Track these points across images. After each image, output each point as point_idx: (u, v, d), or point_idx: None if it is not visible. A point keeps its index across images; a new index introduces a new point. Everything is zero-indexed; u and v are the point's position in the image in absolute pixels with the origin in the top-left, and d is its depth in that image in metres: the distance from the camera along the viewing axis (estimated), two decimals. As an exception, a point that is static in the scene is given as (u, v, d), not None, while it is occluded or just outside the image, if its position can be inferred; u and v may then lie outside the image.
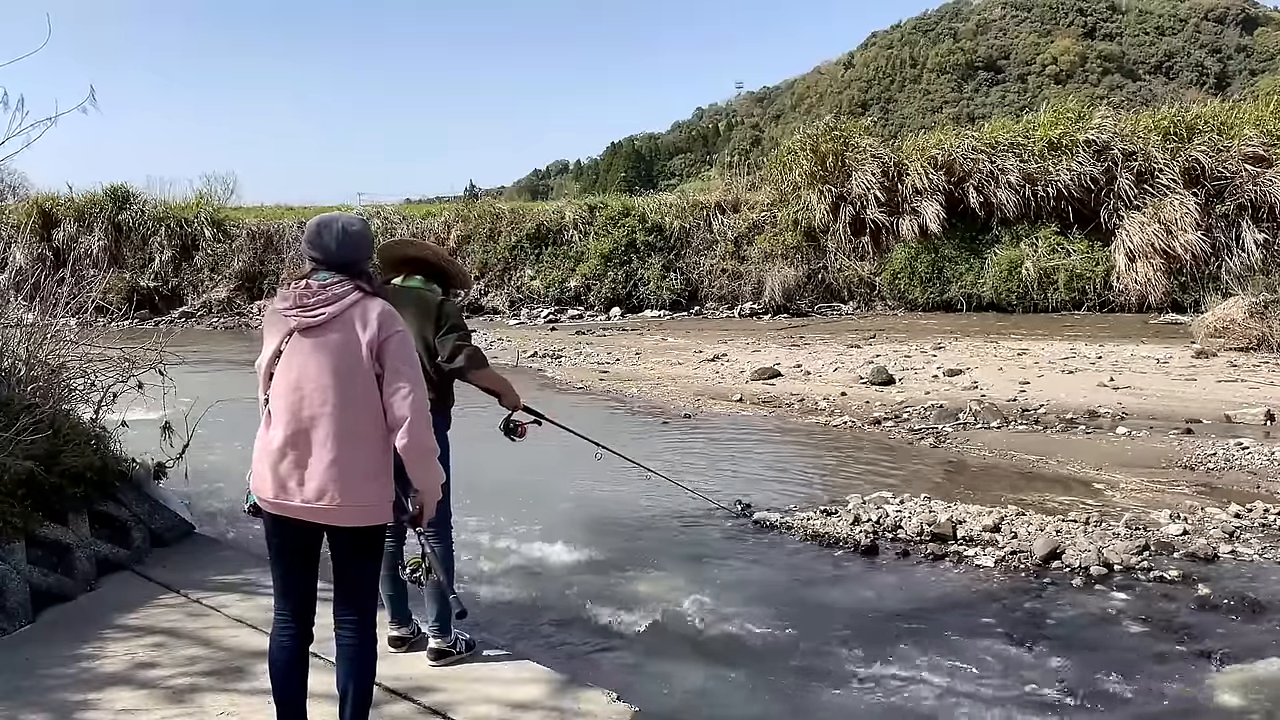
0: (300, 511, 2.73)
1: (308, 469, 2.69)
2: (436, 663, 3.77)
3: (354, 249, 2.80)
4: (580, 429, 5.07)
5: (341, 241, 2.77)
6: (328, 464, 2.68)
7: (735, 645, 4.35)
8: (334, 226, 2.79)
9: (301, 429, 2.69)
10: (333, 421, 2.68)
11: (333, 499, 2.69)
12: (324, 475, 2.68)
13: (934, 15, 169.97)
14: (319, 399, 2.68)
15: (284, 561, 2.86)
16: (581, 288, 22.84)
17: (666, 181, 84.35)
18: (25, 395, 5.18)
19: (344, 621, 2.87)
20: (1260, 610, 4.61)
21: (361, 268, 2.82)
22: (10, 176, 31.22)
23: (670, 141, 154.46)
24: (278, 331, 2.77)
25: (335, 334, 2.70)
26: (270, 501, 2.76)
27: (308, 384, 2.69)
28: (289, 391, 2.71)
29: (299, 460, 2.69)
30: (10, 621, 4.18)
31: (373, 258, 2.93)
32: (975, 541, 5.62)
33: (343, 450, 2.68)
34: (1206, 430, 8.64)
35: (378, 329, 2.71)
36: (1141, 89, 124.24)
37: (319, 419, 2.68)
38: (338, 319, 2.70)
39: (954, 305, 19.86)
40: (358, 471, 2.70)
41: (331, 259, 2.77)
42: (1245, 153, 18.58)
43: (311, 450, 2.69)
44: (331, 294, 2.72)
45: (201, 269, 24.73)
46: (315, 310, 2.71)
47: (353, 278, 2.77)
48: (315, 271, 2.79)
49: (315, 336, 2.71)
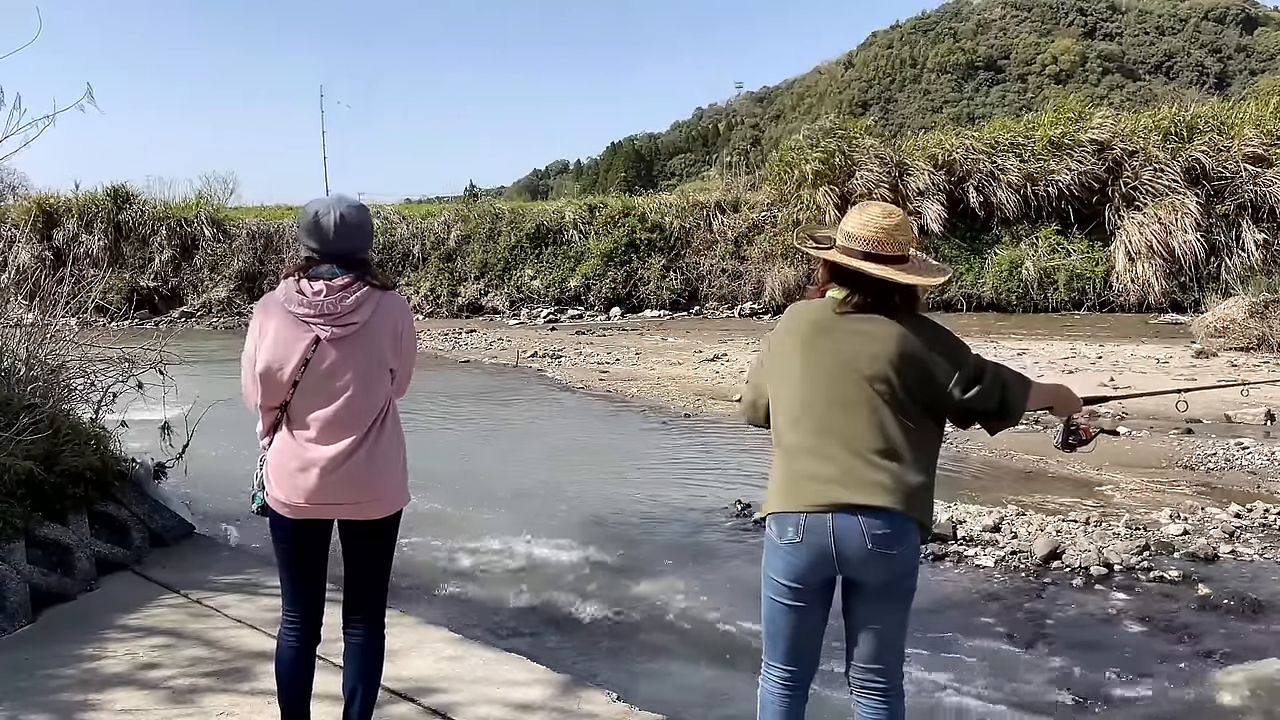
0: (331, 511, 2.73)
1: (346, 471, 2.67)
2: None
3: (353, 238, 2.68)
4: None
5: (339, 232, 2.65)
6: (364, 461, 2.68)
7: (735, 645, 4.34)
8: (333, 214, 2.64)
9: (340, 433, 2.67)
10: (362, 421, 2.69)
11: (368, 494, 2.71)
12: (360, 473, 2.68)
13: (934, 15, 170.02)
14: (354, 402, 2.67)
15: (305, 565, 2.84)
16: (581, 288, 22.83)
17: (666, 181, 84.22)
18: (25, 395, 5.17)
19: (356, 621, 2.87)
20: (1260, 610, 4.61)
21: (362, 256, 2.73)
22: (10, 176, 31.23)
23: (670, 141, 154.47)
24: (298, 339, 2.64)
25: (364, 338, 2.67)
26: (299, 506, 2.70)
27: (346, 390, 2.66)
28: (328, 400, 2.66)
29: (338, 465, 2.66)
30: (10, 621, 4.18)
31: (372, 243, 2.81)
32: (975, 541, 5.62)
33: (375, 446, 2.70)
34: (1206, 430, 8.64)
35: (401, 326, 2.75)
36: (1141, 89, 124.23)
37: (351, 421, 2.67)
38: (367, 322, 2.67)
39: (954, 305, 19.85)
40: (386, 464, 2.73)
41: (329, 250, 2.66)
42: (1245, 153, 18.59)
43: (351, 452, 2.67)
44: (356, 300, 2.64)
45: (201, 269, 24.73)
46: (345, 321, 2.63)
47: (357, 271, 2.69)
48: (314, 264, 2.67)
49: (346, 342, 2.65)
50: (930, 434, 2.53)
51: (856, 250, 2.51)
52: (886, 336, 2.46)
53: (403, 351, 2.78)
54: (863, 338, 2.48)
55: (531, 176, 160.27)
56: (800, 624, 2.56)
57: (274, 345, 2.66)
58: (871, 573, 2.44)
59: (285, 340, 2.65)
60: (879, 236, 2.50)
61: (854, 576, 2.47)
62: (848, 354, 2.48)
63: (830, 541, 2.42)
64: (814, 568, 2.46)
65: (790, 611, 2.54)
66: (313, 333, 2.63)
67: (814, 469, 2.46)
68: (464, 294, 23.67)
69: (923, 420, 2.49)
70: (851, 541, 2.40)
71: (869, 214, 2.55)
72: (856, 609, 2.53)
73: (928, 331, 2.50)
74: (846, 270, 2.52)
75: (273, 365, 2.66)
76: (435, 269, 24.25)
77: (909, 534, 2.44)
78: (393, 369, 2.77)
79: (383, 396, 2.74)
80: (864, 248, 2.50)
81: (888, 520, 2.40)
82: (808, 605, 2.53)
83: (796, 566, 2.48)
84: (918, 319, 2.52)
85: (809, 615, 2.55)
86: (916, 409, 2.47)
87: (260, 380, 2.68)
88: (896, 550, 2.42)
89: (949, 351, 2.48)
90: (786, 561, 2.49)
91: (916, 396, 2.46)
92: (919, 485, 2.45)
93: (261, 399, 2.72)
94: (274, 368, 2.66)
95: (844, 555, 2.42)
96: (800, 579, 2.49)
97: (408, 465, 2.86)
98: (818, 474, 2.45)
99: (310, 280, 2.66)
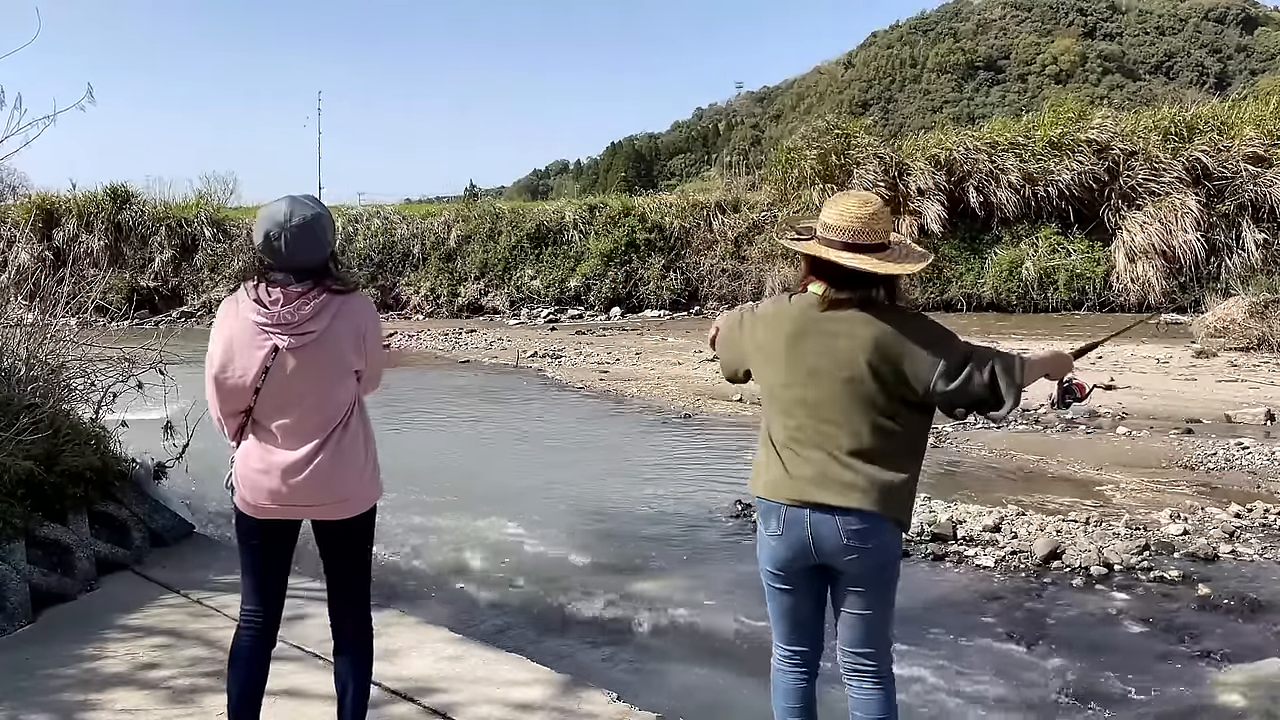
0: (297, 513, 2.74)
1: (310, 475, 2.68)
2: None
3: (307, 252, 2.62)
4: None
5: (291, 250, 2.60)
6: (327, 465, 2.69)
7: (735, 645, 4.35)
8: (284, 235, 2.58)
9: (302, 438, 2.68)
10: (325, 426, 2.69)
11: (332, 496, 2.71)
12: (324, 476, 2.69)
13: (934, 15, 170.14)
14: (316, 408, 2.68)
15: (268, 565, 2.87)
16: (581, 288, 22.85)
17: (666, 181, 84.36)
18: (25, 395, 5.17)
19: (341, 618, 2.88)
20: (1260, 610, 4.61)
21: (321, 265, 2.68)
22: (10, 176, 31.24)
23: (670, 141, 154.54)
24: (257, 347, 2.62)
25: (324, 344, 2.66)
26: (263, 507, 2.72)
27: (307, 396, 2.66)
28: (289, 405, 2.66)
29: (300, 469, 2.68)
30: (10, 621, 4.18)
31: (333, 242, 2.72)
32: (975, 541, 5.62)
33: (338, 448, 2.70)
34: (1207, 430, 8.64)
35: (365, 328, 2.74)
36: (1141, 89, 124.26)
37: (313, 426, 2.68)
38: (327, 329, 2.65)
39: (954, 305, 19.87)
40: (349, 465, 2.73)
41: (284, 265, 2.63)
42: (1245, 153, 18.60)
43: (313, 456, 2.68)
44: (313, 308, 2.61)
45: (201, 269, 24.76)
46: (303, 330, 2.62)
47: (317, 278, 2.65)
48: (272, 271, 2.65)
49: (306, 350, 2.64)
50: (914, 429, 2.55)
51: (835, 241, 2.51)
52: (864, 334, 2.48)
53: (368, 352, 2.75)
54: (841, 337, 2.50)
55: (531, 176, 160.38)
56: (793, 607, 2.69)
57: (234, 352, 2.65)
58: (848, 565, 2.54)
59: (245, 348, 2.64)
60: (855, 226, 2.50)
61: (833, 566, 2.58)
62: (826, 355, 2.51)
63: (808, 535, 2.54)
64: (796, 557, 2.60)
65: (781, 595, 2.70)
66: (272, 341, 2.62)
67: (793, 468, 2.56)
68: (464, 294, 23.68)
69: (906, 415, 2.52)
70: (828, 536, 2.52)
71: (845, 204, 2.55)
72: (840, 597, 2.63)
73: (907, 325, 2.49)
74: (824, 262, 2.53)
75: (234, 373, 2.65)
76: (435, 269, 24.26)
77: (883, 530, 2.52)
78: (358, 370, 2.76)
79: (346, 400, 2.73)
80: (842, 238, 2.50)
81: (861, 518, 2.48)
82: (795, 589, 2.66)
83: (780, 555, 2.62)
84: (897, 312, 2.52)
85: (800, 598, 2.68)
86: (897, 405, 2.49)
87: (217, 386, 2.67)
88: (871, 544, 2.51)
89: (929, 343, 2.47)
90: (771, 550, 2.64)
91: (897, 392, 2.48)
92: (896, 483, 2.50)
93: (222, 406, 2.70)
94: (235, 375, 2.65)
95: (821, 549, 2.54)
96: (784, 567, 2.64)
97: (379, 462, 2.85)
98: (797, 473, 2.55)
99: (269, 287, 2.64)
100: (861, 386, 2.47)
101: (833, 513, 2.49)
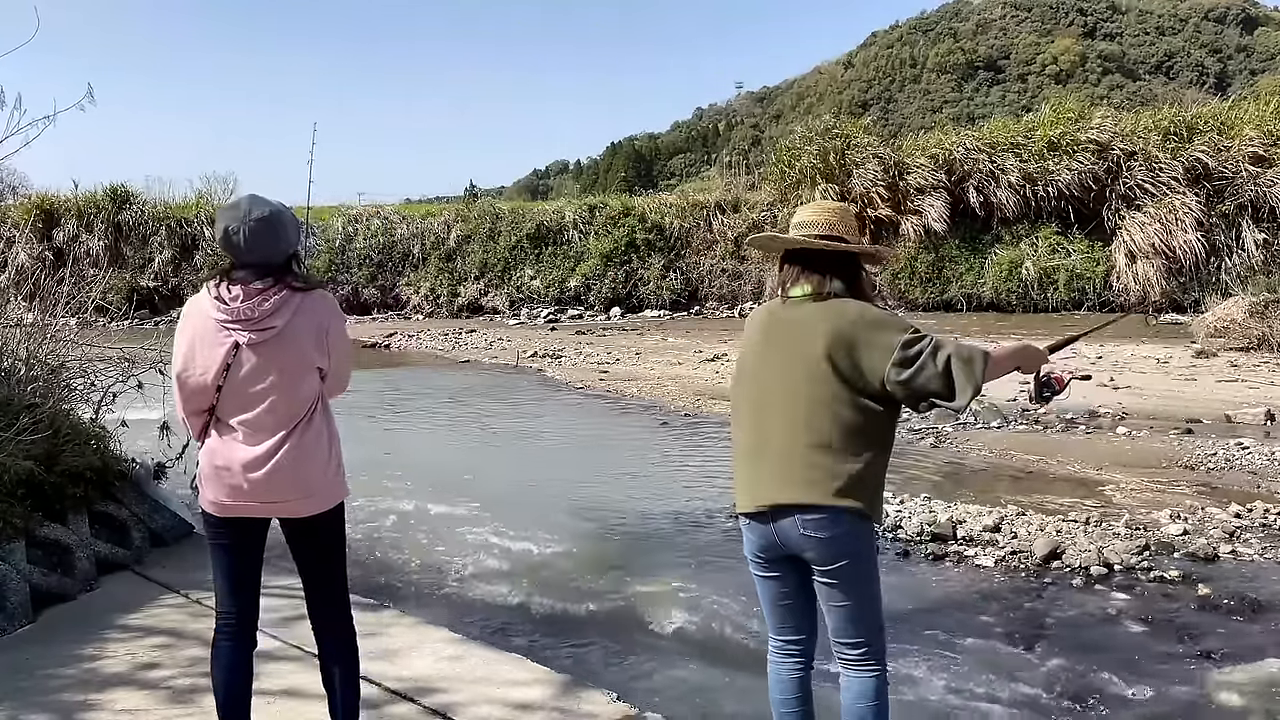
0: (260, 510, 2.74)
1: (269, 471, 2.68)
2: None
3: (266, 248, 2.65)
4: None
5: (250, 245, 2.63)
6: (287, 460, 2.68)
7: (735, 645, 4.35)
8: (243, 230, 2.61)
9: (263, 435, 2.68)
10: (286, 422, 2.69)
11: (294, 492, 2.71)
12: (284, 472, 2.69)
13: (934, 15, 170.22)
14: (277, 405, 2.68)
15: (238, 564, 2.85)
16: (581, 288, 22.86)
17: (666, 181, 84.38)
18: (25, 395, 5.18)
19: (320, 617, 2.88)
20: (1260, 610, 4.61)
21: (281, 262, 2.71)
22: (10, 176, 31.25)
23: (670, 141, 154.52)
24: (218, 344, 2.64)
25: (285, 341, 2.66)
26: (225, 504, 2.72)
27: (269, 392, 2.67)
28: (251, 402, 2.67)
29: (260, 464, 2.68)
30: (10, 621, 4.18)
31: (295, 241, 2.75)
32: (975, 541, 5.62)
33: (299, 445, 2.70)
34: (1207, 430, 8.64)
35: (327, 324, 2.74)
36: (1141, 89, 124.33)
37: (274, 423, 2.68)
38: (287, 324, 2.66)
39: (954, 305, 19.88)
40: (311, 461, 2.73)
41: (244, 261, 2.66)
42: (1246, 153, 18.61)
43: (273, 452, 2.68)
44: (273, 304, 2.63)
45: (201, 269, 24.72)
46: (263, 326, 2.63)
47: (278, 274, 2.68)
48: (235, 268, 2.68)
49: (266, 346, 2.65)
50: (876, 418, 2.57)
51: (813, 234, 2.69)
52: (819, 322, 2.57)
53: (331, 349, 2.75)
54: (798, 327, 2.61)
55: (531, 177, 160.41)
56: (777, 593, 2.77)
57: (195, 350, 2.68)
58: (813, 558, 2.61)
59: (206, 346, 2.66)
60: (830, 219, 2.69)
61: (802, 558, 2.64)
62: (786, 349, 2.62)
63: (773, 531, 2.64)
64: (768, 548, 2.70)
65: (766, 581, 2.79)
66: (232, 338, 2.64)
67: (754, 470, 2.67)
68: (464, 294, 23.69)
69: (865, 406, 2.54)
70: (790, 532, 2.61)
71: (814, 204, 2.80)
72: (818, 588, 2.69)
73: (864, 315, 2.55)
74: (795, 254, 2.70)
75: (195, 371, 2.68)
76: (435, 269, 24.27)
77: (842, 521, 2.55)
78: (321, 368, 2.75)
79: (309, 396, 2.73)
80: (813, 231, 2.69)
81: (819, 510, 2.55)
82: (780, 575, 2.74)
83: (755, 543, 2.73)
84: (850, 302, 2.60)
85: (784, 585, 2.75)
86: (857, 397, 2.53)
87: (180, 385, 2.71)
88: (829, 535, 2.55)
89: (881, 328, 2.51)
90: (747, 538, 2.76)
91: (854, 382, 2.52)
92: (857, 473, 2.53)
93: (186, 405, 2.73)
94: (196, 373, 2.68)
95: (786, 544, 2.64)
96: (760, 553, 2.74)
97: (343, 460, 2.85)
98: (757, 475, 2.65)
99: (230, 285, 2.67)
100: (822, 379, 2.53)
101: (792, 511, 2.56)
